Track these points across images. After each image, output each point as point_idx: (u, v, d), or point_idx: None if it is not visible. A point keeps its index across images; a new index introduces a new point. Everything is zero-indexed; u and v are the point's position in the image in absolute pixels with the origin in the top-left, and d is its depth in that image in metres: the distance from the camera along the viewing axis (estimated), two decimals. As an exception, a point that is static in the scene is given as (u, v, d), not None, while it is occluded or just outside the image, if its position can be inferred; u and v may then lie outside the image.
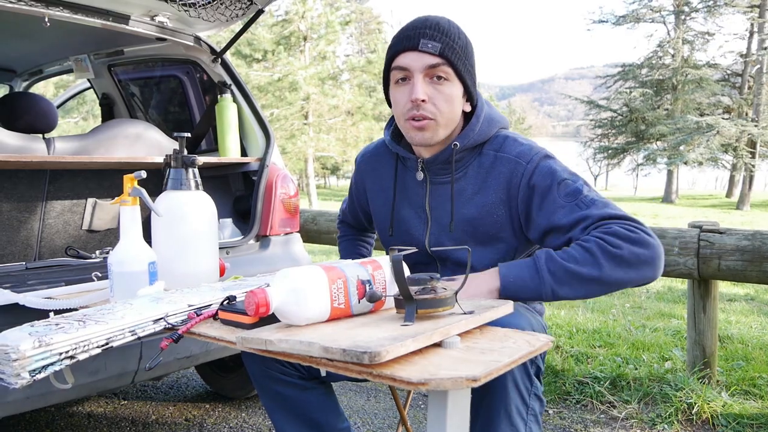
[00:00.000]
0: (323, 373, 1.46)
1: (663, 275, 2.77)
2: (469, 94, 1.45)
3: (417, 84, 1.37)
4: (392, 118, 1.56)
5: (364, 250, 1.96)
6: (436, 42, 1.36)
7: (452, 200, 1.47)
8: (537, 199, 1.37)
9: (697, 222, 2.73)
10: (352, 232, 1.97)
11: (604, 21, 27.58)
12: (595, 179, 56.43)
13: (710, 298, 2.77)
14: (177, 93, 3.14)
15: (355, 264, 1.10)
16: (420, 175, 1.52)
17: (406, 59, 1.38)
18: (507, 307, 1.11)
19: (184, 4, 2.08)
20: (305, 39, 20.45)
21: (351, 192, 1.84)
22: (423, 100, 1.37)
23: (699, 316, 2.78)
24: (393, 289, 1.11)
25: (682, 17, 25.82)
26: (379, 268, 1.12)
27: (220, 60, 2.62)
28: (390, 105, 1.49)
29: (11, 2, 2.03)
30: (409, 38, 1.38)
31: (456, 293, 1.03)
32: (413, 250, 1.12)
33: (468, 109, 1.47)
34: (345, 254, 1.94)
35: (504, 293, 1.27)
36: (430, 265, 1.56)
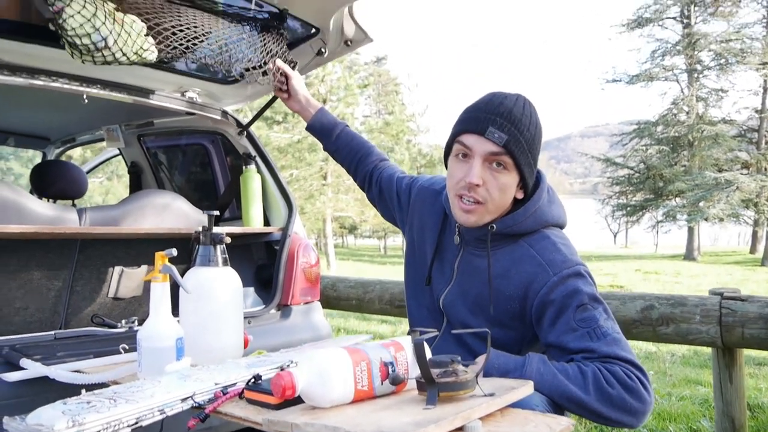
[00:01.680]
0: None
1: (687, 344, 2.75)
2: (525, 183, 1.45)
3: (475, 167, 1.38)
4: None
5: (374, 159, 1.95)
6: (504, 133, 1.37)
7: (490, 281, 1.46)
8: (552, 313, 1.36)
9: (717, 289, 2.72)
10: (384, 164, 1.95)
11: (617, 80, 27.92)
12: (615, 237, 56.02)
13: (736, 367, 2.73)
14: (203, 161, 3.24)
15: (378, 346, 1.13)
16: (456, 240, 1.55)
17: (470, 140, 1.40)
18: (527, 388, 1.13)
19: (215, 81, 2.17)
20: (325, 101, 20.91)
21: (404, 184, 1.82)
22: (477, 185, 1.38)
23: (725, 385, 2.74)
24: (415, 370, 1.14)
25: (695, 75, 26.08)
26: (401, 349, 1.15)
27: (245, 133, 2.72)
28: (446, 168, 1.51)
29: (55, 81, 2.15)
30: (478, 121, 1.39)
31: (477, 375, 1.06)
32: (434, 333, 1.15)
33: (520, 196, 1.48)
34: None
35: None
36: (436, 319, 1.59)
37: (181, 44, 1.94)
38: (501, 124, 1.37)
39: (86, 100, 2.29)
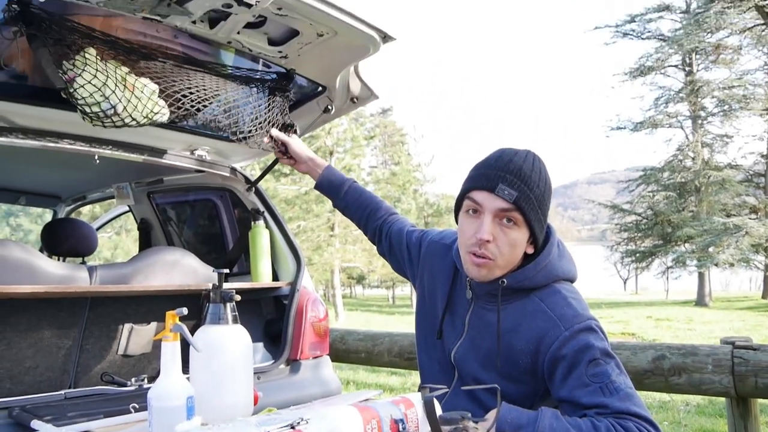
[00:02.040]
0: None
1: (700, 394, 2.72)
2: (535, 238, 1.47)
3: (485, 223, 1.40)
4: None
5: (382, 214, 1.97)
6: (513, 190, 1.39)
7: (498, 336, 1.47)
8: (564, 368, 1.36)
9: (729, 338, 2.71)
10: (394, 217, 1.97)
11: (622, 128, 28.12)
12: (625, 283, 55.54)
13: (751, 417, 2.69)
14: (211, 216, 3.28)
15: (388, 403, 1.14)
16: (469, 294, 1.56)
17: (481, 197, 1.42)
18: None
19: (233, 134, 2.23)
20: (331, 153, 21.16)
21: (414, 238, 1.84)
22: (488, 241, 1.40)
23: (740, 436, 2.70)
24: (425, 427, 1.14)
25: (699, 121, 26.25)
26: (411, 406, 1.15)
27: (254, 189, 2.76)
28: (457, 223, 1.53)
29: (67, 143, 2.21)
30: (489, 178, 1.41)
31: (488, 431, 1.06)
32: (444, 389, 1.15)
33: (531, 251, 1.49)
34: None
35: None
36: (447, 373, 1.59)
37: (192, 106, 2.01)
38: (511, 181, 1.39)
39: (98, 161, 2.35)
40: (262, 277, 2.64)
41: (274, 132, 2.10)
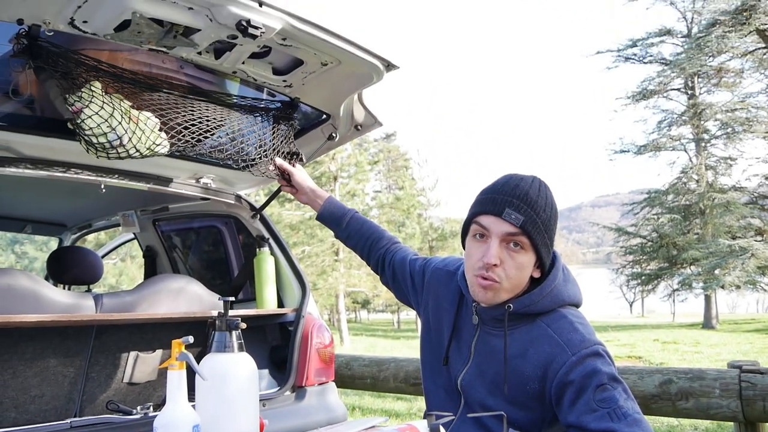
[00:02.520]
0: None
1: (707, 418, 2.70)
2: (541, 263, 1.48)
3: (492, 247, 1.42)
4: None
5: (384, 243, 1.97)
6: (520, 214, 1.41)
7: (505, 361, 1.47)
8: (571, 394, 1.36)
9: (736, 362, 2.69)
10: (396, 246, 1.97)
11: (625, 151, 28.11)
12: (631, 306, 55.17)
13: (759, 442, 2.67)
14: (216, 243, 3.30)
15: (394, 431, 1.14)
16: (475, 319, 1.56)
17: (488, 221, 1.44)
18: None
19: (235, 163, 2.25)
20: (335, 179, 21.23)
21: (417, 266, 1.84)
22: (495, 265, 1.42)
23: (750, 461, 2.67)
24: (431, 455, 1.14)
25: (703, 144, 26.25)
26: (417, 434, 1.15)
27: (258, 216, 2.78)
28: (464, 247, 1.54)
29: (73, 172, 2.24)
30: (495, 203, 1.44)
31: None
32: (450, 417, 1.15)
33: (537, 275, 1.50)
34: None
35: None
36: (453, 400, 1.58)
37: (192, 137, 2.03)
38: (518, 205, 1.41)
39: (104, 189, 2.37)
40: (268, 304, 2.64)
41: (278, 161, 2.13)
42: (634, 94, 27.34)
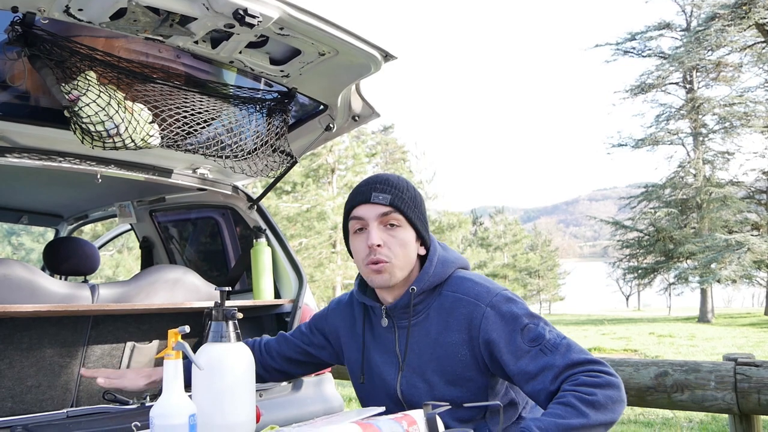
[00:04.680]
0: None
1: (702, 410, 2.71)
2: (422, 239, 1.59)
3: (372, 231, 1.52)
4: None
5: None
6: (386, 194, 1.53)
7: (407, 343, 1.55)
8: (501, 344, 1.44)
9: (731, 354, 2.70)
10: (263, 348, 1.89)
11: (623, 145, 28.11)
12: (627, 299, 55.33)
13: (754, 435, 2.68)
14: (213, 234, 3.29)
15: (390, 420, 1.14)
16: (385, 322, 1.61)
17: (361, 210, 1.54)
18: (541, 461, 1.12)
19: (227, 158, 2.24)
20: (333, 171, 21.22)
21: (312, 327, 1.84)
22: (379, 245, 1.50)
23: (744, 453, 2.68)
24: (428, 444, 1.14)
25: (701, 138, 26.26)
26: (413, 423, 1.15)
27: (255, 206, 2.77)
28: (351, 255, 1.61)
29: (69, 162, 2.23)
30: (362, 193, 1.55)
31: (489, 449, 1.06)
32: (447, 406, 1.15)
33: (423, 252, 1.59)
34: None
35: None
36: (398, 409, 1.57)
37: (183, 130, 2.02)
38: (382, 188, 1.54)
39: (100, 180, 2.37)
40: (264, 295, 2.64)
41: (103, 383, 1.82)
42: (632, 87, 27.31)
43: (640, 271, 27.95)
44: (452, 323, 1.51)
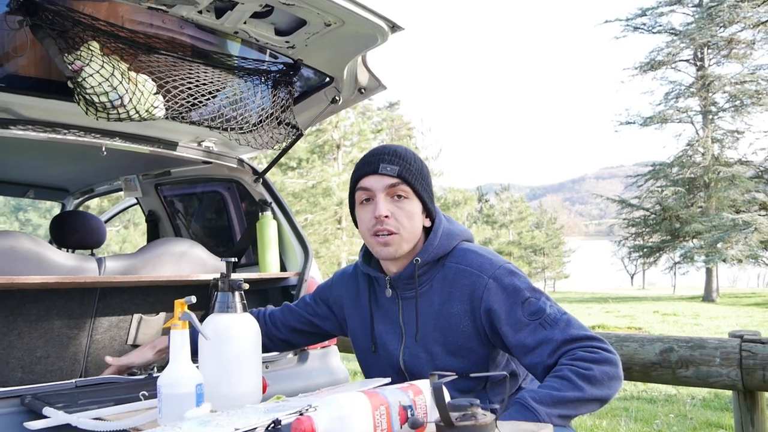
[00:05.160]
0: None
1: (707, 386, 2.71)
2: (428, 211, 1.58)
3: (379, 202, 1.51)
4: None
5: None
6: (394, 165, 1.52)
7: (417, 314, 1.55)
8: (502, 315, 1.45)
9: (737, 332, 2.69)
10: (268, 318, 1.92)
11: (631, 122, 27.91)
12: (632, 278, 55.35)
13: (758, 411, 2.68)
14: (219, 208, 3.29)
15: (397, 389, 1.14)
16: (389, 292, 1.62)
17: (369, 181, 1.54)
18: (546, 430, 1.12)
19: (233, 130, 2.23)
20: (338, 147, 21.16)
21: (316, 298, 1.87)
22: (386, 216, 1.50)
23: (747, 429, 2.68)
24: (434, 413, 1.14)
25: (710, 117, 26.04)
26: (420, 393, 1.15)
27: (261, 180, 2.77)
28: (357, 225, 1.62)
29: (73, 134, 2.22)
30: (370, 164, 1.55)
31: (496, 419, 1.06)
32: (454, 376, 1.15)
33: (428, 224, 1.59)
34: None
35: None
36: (401, 379, 1.59)
37: (187, 101, 2.01)
38: (390, 159, 1.53)
39: (105, 152, 2.36)
40: (270, 268, 2.65)
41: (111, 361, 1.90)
42: (641, 64, 27.03)
43: (645, 250, 27.90)
44: (455, 294, 1.52)
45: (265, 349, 1.84)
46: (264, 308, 1.97)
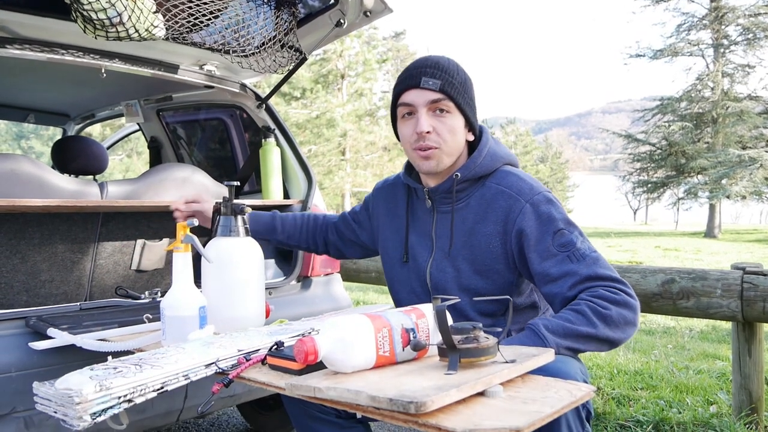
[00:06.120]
0: (359, 416, 1.49)
1: (706, 317, 2.74)
2: (471, 126, 1.56)
3: (421, 118, 1.49)
4: None
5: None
6: (437, 79, 1.48)
7: (452, 227, 1.55)
8: (531, 240, 1.44)
9: (740, 264, 2.70)
10: (323, 224, 2.00)
11: (641, 55, 27.39)
12: (635, 213, 55.50)
13: (755, 342, 2.71)
14: (221, 135, 3.25)
15: (399, 312, 1.14)
16: (428, 203, 1.61)
17: (410, 96, 1.50)
18: (548, 355, 1.13)
19: (235, 53, 2.17)
20: (343, 77, 20.85)
21: (362, 205, 1.91)
22: (428, 132, 1.48)
23: (744, 359, 2.72)
24: (436, 337, 1.14)
25: (721, 50, 25.50)
26: (422, 316, 1.15)
27: (264, 105, 2.71)
28: (398, 138, 1.59)
29: (71, 55, 2.16)
30: (412, 77, 1.51)
31: (498, 342, 1.06)
32: (456, 300, 1.15)
33: (471, 138, 1.57)
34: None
35: None
36: (425, 293, 1.62)
37: (188, 21, 1.94)
38: (432, 72, 1.49)
39: (104, 74, 2.30)
40: (273, 195, 2.63)
41: (182, 206, 1.93)
42: (655, -6, 26.25)
43: (649, 185, 27.85)
44: (490, 214, 1.51)
45: (322, 250, 1.99)
46: (323, 214, 2.04)
